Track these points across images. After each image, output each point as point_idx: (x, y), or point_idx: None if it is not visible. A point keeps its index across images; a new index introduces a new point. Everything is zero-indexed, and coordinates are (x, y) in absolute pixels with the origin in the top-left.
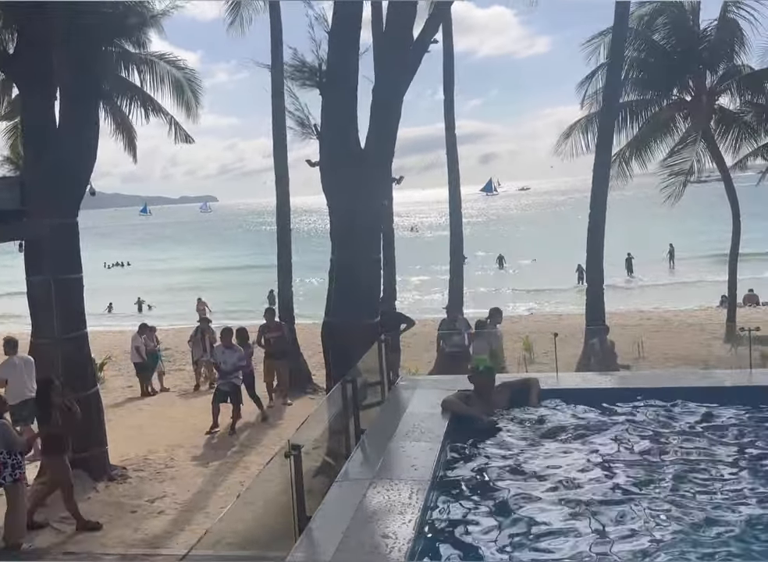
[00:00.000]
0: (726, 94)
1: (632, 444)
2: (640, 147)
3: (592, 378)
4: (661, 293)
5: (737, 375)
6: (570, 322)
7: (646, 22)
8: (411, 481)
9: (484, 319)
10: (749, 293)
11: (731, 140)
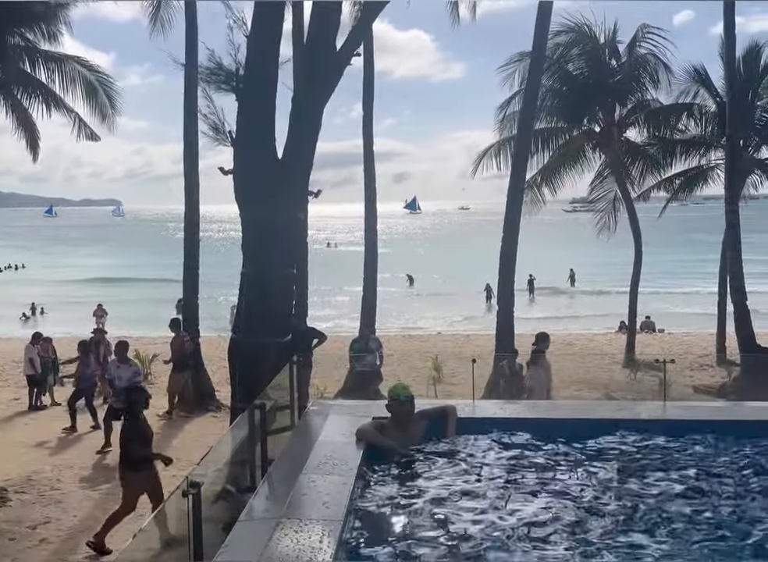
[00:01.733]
0: (633, 127)
1: (549, 477)
2: (550, 174)
3: (508, 407)
4: (563, 317)
5: (652, 407)
6: (478, 343)
7: (561, 51)
8: (323, 521)
9: (535, 346)
10: (646, 320)
11: (637, 172)
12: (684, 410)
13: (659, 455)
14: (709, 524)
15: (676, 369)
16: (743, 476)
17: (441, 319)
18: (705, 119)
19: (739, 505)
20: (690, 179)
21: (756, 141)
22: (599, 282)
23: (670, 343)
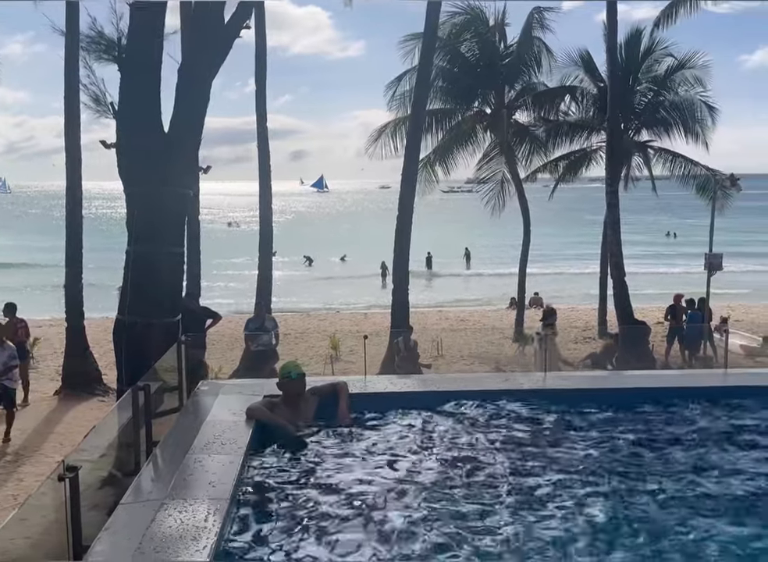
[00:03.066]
0: (522, 110)
1: (439, 448)
2: (444, 155)
3: (399, 381)
4: (458, 293)
5: (535, 378)
6: (375, 321)
7: (455, 33)
8: (208, 501)
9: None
10: (535, 296)
11: (525, 154)
12: (563, 380)
13: (541, 423)
14: (583, 485)
15: (561, 342)
16: (615, 439)
17: (340, 298)
18: (587, 103)
19: (611, 465)
20: (575, 161)
21: (636, 124)
22: (494, 260)
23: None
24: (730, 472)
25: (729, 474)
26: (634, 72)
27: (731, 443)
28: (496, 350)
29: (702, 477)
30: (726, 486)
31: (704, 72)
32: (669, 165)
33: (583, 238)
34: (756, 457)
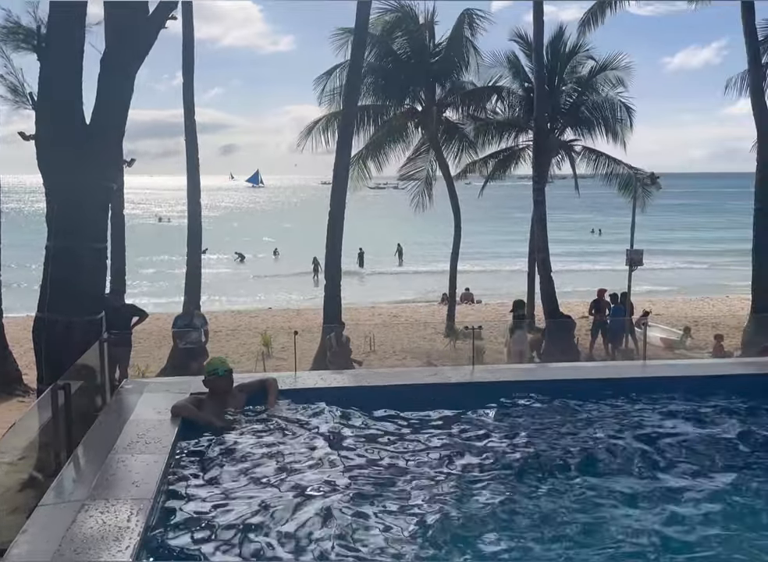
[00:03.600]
0: (452, 108)
1: (370, 444)
2: (376, 151)
3: (329, 376)
4: (391, 289)
5: (463, 372)
6: (307, 317)
7: (386, 30)
8: (131, 501)
9: (513, 313)
10: (466, 292)
11: (455, 151)
12: (490, 374)
13: (468, 416)
14: (513, 477)
15: (491, 336)
16: (538, 430)
17: (272, 294)
18: (514, 102)
19: (539, 455)
20: (504, 159)
21: (561, 124)
22: (426, 256)
23: (486, 313)
24: (644, 458)
25: (642, 459)
26: (559, 73)
27: (644, 431)
28: (427, 344)
29: (618, 462)
30: (639, 470)
31: (626, 74)
32: (593, 163)
33: (513, 236)
34: (667, 441)
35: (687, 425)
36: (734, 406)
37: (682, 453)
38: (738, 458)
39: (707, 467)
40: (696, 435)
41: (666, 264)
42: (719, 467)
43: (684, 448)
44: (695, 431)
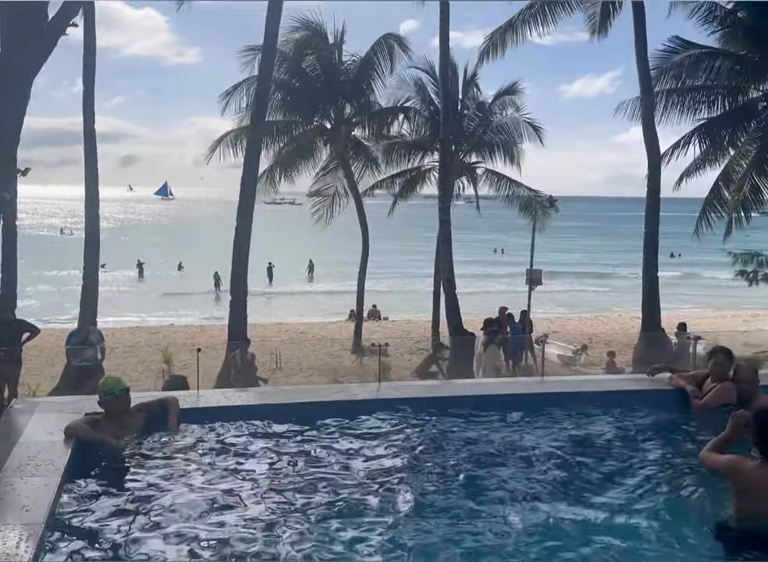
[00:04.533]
0: (361, 126)
1: (274, 462)
2: (286, 166)
3: (233, 395)
4: (299, 305)
5: (369, 389)
6: (212, 334)
7: (296, 48)
8: (21, 526)
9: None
10: (372, 309)
11: (362, 169)
12: (396, 390)
13: (373, 432)
14: (414, 491)
15: (397, 353)
16: (438, 444)
17: (173, 310)
18: (421, 124)
19: (440, 468)
20: (411, 178)
21: (466, 146)
22: (336, 272)
23: (393, 330)
24: (531, 470)
25: (530, 471)
26: (462, 98)
27: (533, 444)
28: (335, 361)
29: (516, 477)
30: (527, 482)
31: (524, 99)
32: (496, 185)
33: (420, 255)
34: (555, 453)
35: (575, 438)
36: (621, 420)
37: (566, 464)
38: (624, 472)
39: (591, 479)
40: (579, 448)
41: (563, 284)
42: (603, 480)
43: (567, 460)
44: (581, 443)
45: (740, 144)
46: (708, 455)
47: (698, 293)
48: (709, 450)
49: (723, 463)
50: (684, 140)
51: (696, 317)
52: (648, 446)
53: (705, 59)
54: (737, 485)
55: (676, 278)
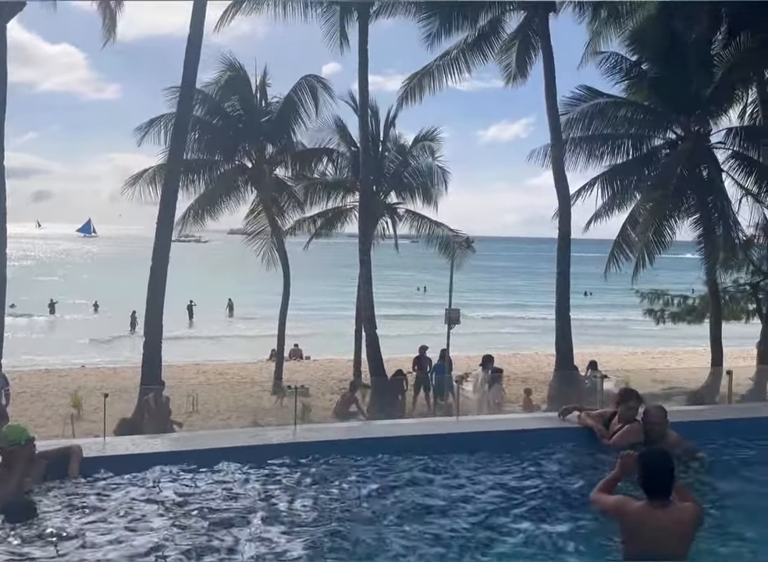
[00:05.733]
0: (282, 166)
1: (181, 514)
2: (208, 204)
3: (142, 442)
4: (218, 345)
5: (285, 433)
6: (125, 376)
7: (217, 87)
8: None
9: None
10: (294, 348)
11: (285, 208)
12: (313, 433)
13: (286, 477)
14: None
15: (318, 393)
16: (348, 490)
17: (85, 351)
18: (342, 164)
19: (359, 513)
20: (331, 218)
21: (386, 187)
22: (258, 311)
23: (315, 369)
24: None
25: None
26: (383, 139)
27: (445, 484)
28: (254, 403)
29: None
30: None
31: (441, 143)
32: (416, 225)
33: (344, 297)
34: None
35: (486, 477)
36: (531, 459)
37: (473, 505)
38: (531, 511)
39: (500, 516)
40: (487, 487)
41: (483, 322)
42: (512, 520)
43: (476, 501)
44: (492, 484)
45: (644, 190)
46: (598, 496)
47: (609, 332)
48: (600, 490)
49: (612, 504)
50: (591, 184)
51: (607, 354)
52: (555, 484)
53: (610, 108)
54: (625, 526)
55: (589, 316)
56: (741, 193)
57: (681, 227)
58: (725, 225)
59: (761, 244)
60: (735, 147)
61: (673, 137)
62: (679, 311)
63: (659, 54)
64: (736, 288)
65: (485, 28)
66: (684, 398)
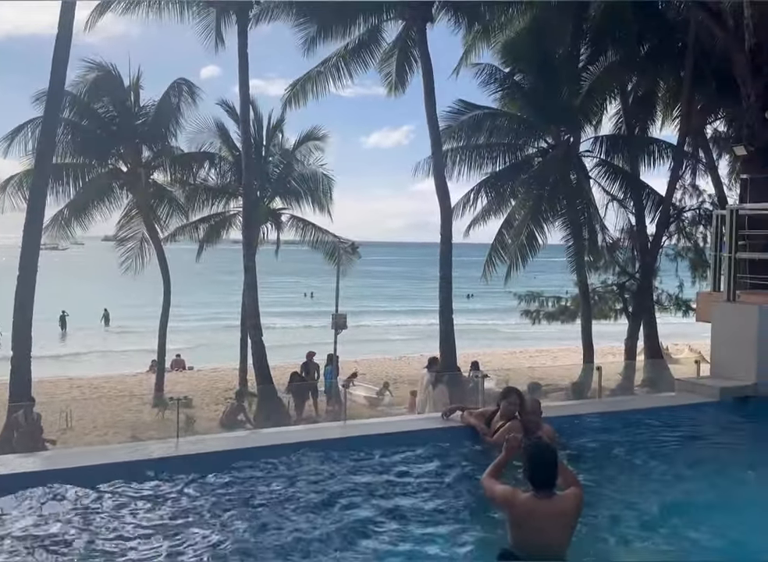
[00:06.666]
0: (161, 170)
1: (55, 538)
2: (79, 210)
3: (12, 461)
4: (94, 358)
5: (167, 446)
6: None
7: (88, 89)
8: None
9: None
10: (176, 359)
11: (163, 214)
12: (194, 445)
13: (169, 492)
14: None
15: (203, 404)
16: (234, 500)
17: None
18: (224, 169)
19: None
20: (215, 224)
21: (270, 193)
22: (135, 320)
23: (198, 380)
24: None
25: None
26: (267, 144)
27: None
28: (133, 417)
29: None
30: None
31: (326, 142)
32: (301, 231)
33: (229, 307)
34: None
35: (375, 480)
36: (418, 458)
37: (361, 502)
38: (415, 507)
39: (384, 516)
40: (373, 487)
41: (370, 327)
42: (395, 516)
43: (362, 498)
44: (375, 483)
45: (519, 196)
46: (488, 482)
47: (491, 333)
48: (489, 475)
49: (500, 494)
50: (472, 191)
51: (489, 354)
52: (438, 481)
53: (487, 119)
54: (512, 516)
55: (472, 318)
56: (608, 199)
57: (553, 231)
58: (591, 229)
59: (626, 247)
60: (602, 155)
61: (545, 146)
62: (553, 311)
63: (530, 66)
64: (604, 288)
65: (364, 36)
66: (561, 394)
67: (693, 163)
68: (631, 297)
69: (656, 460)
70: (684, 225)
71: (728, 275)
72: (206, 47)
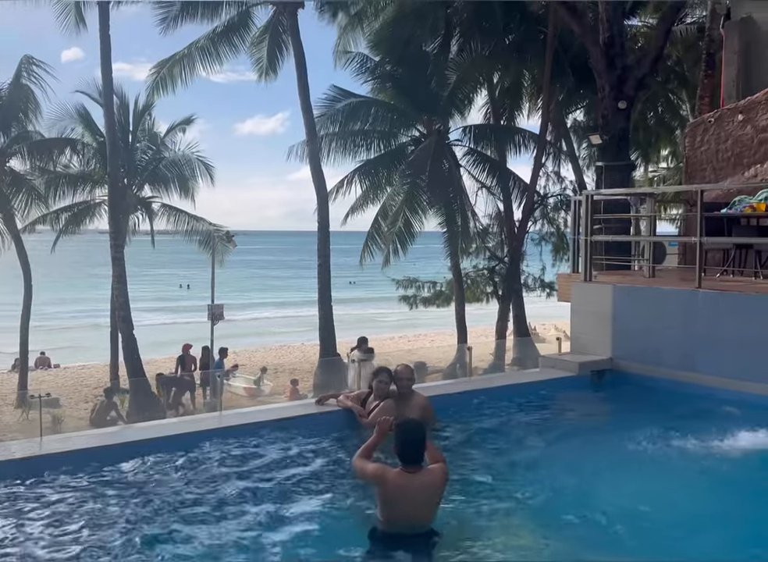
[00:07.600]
0: (17, 157)
1: None
2: None
3: None
4: None
5: (30, 445)
6: None
7: None
8: None
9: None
10: (41, 356)
11: (21, 204)
12: (62, 443)
13: (32, 493)
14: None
15: (71, 402)
16: (103, 505)
17: None
18: (88, 156)
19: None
20: (78, 213)
21: (139, 180)
22: None
23: (65, 378)
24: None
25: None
26: (133, 130)
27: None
28: None
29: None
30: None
31: (197, 135)
32: (174, 220)
33: (96, 304)
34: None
35: (248, 467)
36: (290, 444)
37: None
38: (290, 488)
39: (257, 499)
40: (248, 474)
41: (248, 318)
42: (272, 499)
43: (237, 486)
44: (250, 471)
45: (394, 183)
46: (359, 463)
47: (372, 320)
48: (360, 457)
49: (371, 472)
50: (348, 179)
51: (370, 342)
52: (312, 464)
53: (361, 107)
54: (383, 492)
55: (353, 304)
56: (478, 186)
57: (428, 218)
58: (464, 215)
59: (495, 232)
60: (471, 144)
61: (417, 135)
62: (429, 296)
63: (400, 56)
64: (476, 273)
65: (233, 19)
66: (438, 375)
67: (555, 151)
68: (500, 281)
69: (518, 430)
70: (547, 211)
71: (585, 257)
72: (65, 28)
